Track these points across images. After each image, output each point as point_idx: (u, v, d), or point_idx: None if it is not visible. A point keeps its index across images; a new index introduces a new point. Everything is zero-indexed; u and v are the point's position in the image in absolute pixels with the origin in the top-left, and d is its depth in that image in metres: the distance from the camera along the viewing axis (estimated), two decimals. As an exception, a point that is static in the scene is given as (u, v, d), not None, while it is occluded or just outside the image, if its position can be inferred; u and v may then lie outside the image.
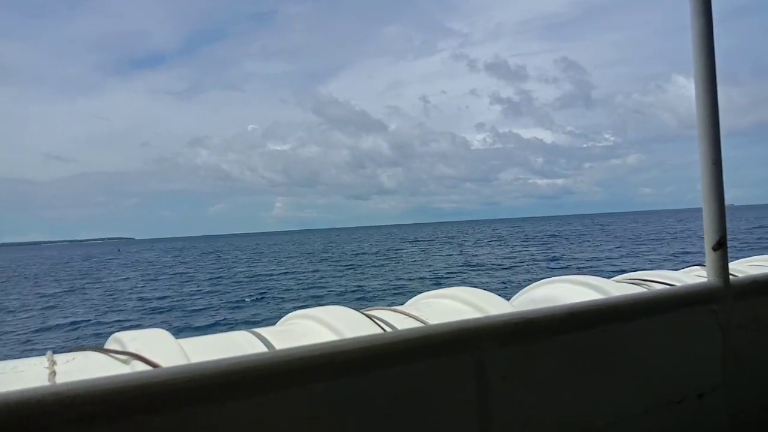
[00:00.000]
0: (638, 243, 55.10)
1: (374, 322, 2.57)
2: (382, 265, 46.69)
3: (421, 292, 3.34)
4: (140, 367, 2.11)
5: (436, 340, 1.32)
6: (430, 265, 43.70)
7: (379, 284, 32.79)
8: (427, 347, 1.30)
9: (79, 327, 24.76)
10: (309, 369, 1.12)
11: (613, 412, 1.68)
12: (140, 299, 33.20)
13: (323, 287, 33.51)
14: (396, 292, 28.39)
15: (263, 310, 25.47)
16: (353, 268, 46.28)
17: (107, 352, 2.22)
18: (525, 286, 3.60)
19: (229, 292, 33.66)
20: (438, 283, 31.59)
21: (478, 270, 38.16)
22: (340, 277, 39.32)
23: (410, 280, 33.96)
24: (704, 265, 2.03)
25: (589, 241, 63.99)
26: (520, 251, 52.76)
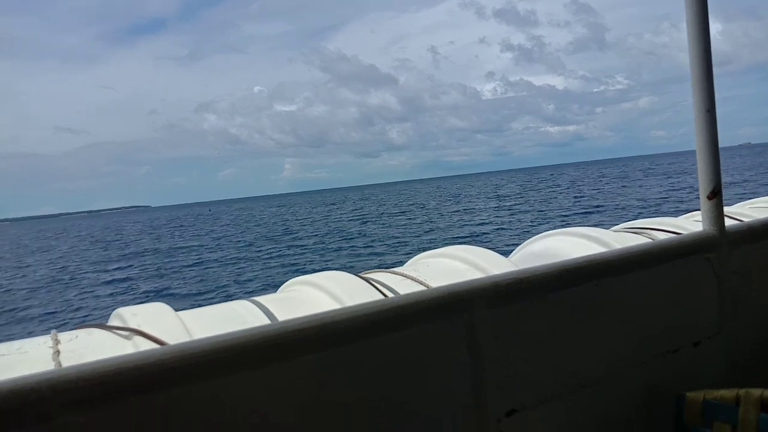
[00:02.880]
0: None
1: (373, 285, 2.58)
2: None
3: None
4: (142, 342, 2.15)
5: (427, 305, 1.33)
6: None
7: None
8: (419, 312, 1.31)
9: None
10: (305, 340, 1.14)
11: (609, 364, 1.69)
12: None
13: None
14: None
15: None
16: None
17: (110, 328, 2.26)
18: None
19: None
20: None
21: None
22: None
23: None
24: None
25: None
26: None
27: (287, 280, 3.01)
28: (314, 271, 3.16)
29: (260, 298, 2.61)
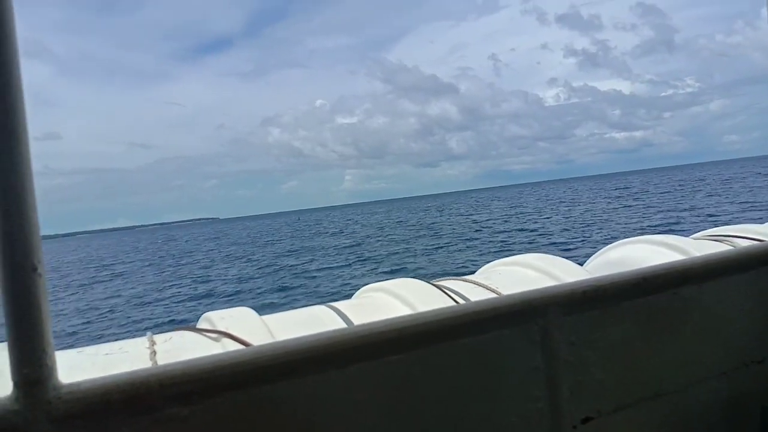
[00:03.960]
0: None
1: (445, 293, 2.62)
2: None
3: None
4: (230, 344, 2.29)
5: (501, 312, 1.35)
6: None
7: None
8: (493, 319, 1.33)
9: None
10: (383, 343, 1.19)
11: (689, 374, 1.65)
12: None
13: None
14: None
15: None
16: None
17: (200, 331, 2.41)
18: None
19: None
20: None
21: None
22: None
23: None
24: None
25: None
26: None
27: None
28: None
29: (337, 304, 2.71)
